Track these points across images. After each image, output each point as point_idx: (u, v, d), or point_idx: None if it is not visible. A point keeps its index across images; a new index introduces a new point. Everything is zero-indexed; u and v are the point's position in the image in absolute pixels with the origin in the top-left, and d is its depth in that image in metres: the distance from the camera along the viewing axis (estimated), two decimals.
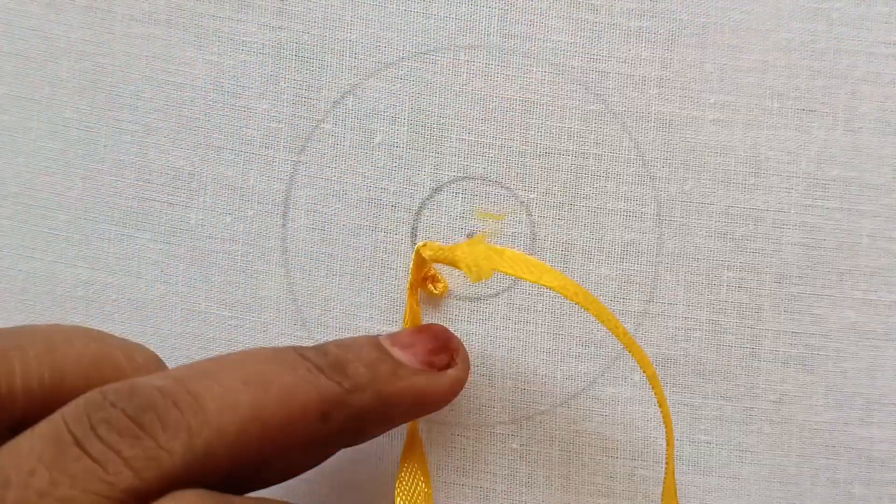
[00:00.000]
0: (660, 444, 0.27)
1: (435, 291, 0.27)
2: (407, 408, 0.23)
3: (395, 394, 0.22)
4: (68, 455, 0.18)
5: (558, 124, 0.28)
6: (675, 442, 0.27)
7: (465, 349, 0.25)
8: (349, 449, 0.23)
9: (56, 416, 0.19)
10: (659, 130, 0.27)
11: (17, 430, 0.19)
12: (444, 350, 0.24)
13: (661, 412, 0.24)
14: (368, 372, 0.22)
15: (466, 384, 0.25)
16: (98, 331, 0.22)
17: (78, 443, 0.18)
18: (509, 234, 0.27)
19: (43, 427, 0.19)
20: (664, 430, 0.24)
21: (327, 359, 0.22)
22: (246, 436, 0.19)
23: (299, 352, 0.22)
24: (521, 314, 0.27)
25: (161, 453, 0.18)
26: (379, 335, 0.24)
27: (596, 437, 0.27)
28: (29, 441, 0.18)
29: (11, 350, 0.20)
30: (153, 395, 0.19)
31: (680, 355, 0.27)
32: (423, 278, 0.27)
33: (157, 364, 0.22)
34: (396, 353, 0.23)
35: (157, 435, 0.18)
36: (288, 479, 0.22)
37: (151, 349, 0.22)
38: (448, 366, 0.24)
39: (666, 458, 0.25)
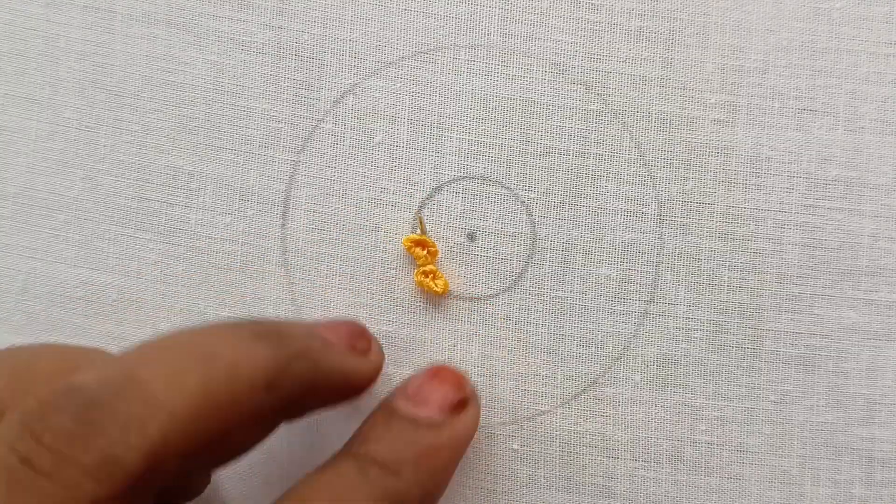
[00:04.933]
0: (660, 445, 0.27)
1: (436, 289, 0.27)
2: (336, 386, 0.23)
3: (328, 367, 0.22)
4: (21, 479, 0.16)
5: (559, 124, 0.27)
6: (677, 442, 0.27)
7: (377, 341, 0.25)
8: None
9: None
10: (660, 130, 0.27)
11: None
12: (362, 336, 0.24)
13: None
14: (303, 342, 0.22)
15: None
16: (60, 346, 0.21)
17: (26, 461, 0.16)
18: (510, 233, 0.27)
19: None
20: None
21: (264, 326, 0.21)
22: (199, 415, 0.18)
23: (236, 321, 0.21)
24: (521, 314, 0.27)
25: (117, 451, 0.17)
26: None
27: (596, 438, 0.27)
28: None
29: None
30: (94, 389, 0.18)
31: (681, 355, 0.27)
32: (424, 273, 0.27)
33: None
34: (323, 332, 0.23)
35: (110, 432, 0.17)
36: (240, 456, 0.21)
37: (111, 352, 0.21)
38: (366, 351, 0.24)
39: None
